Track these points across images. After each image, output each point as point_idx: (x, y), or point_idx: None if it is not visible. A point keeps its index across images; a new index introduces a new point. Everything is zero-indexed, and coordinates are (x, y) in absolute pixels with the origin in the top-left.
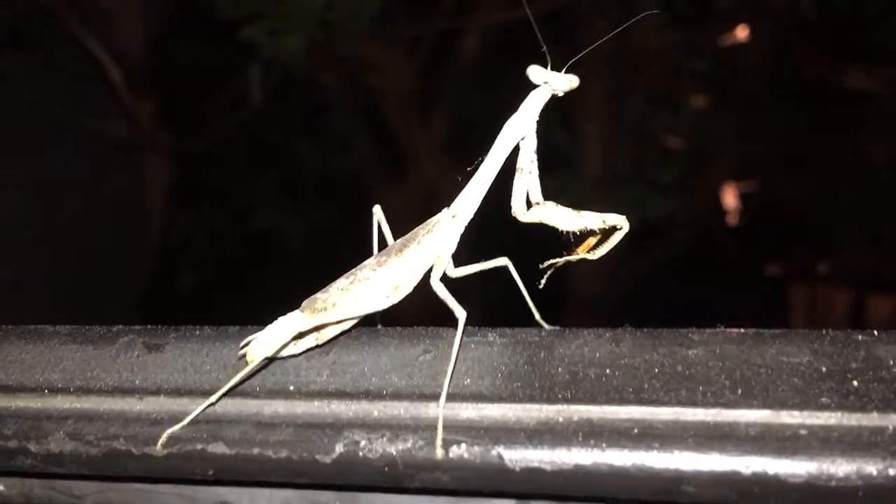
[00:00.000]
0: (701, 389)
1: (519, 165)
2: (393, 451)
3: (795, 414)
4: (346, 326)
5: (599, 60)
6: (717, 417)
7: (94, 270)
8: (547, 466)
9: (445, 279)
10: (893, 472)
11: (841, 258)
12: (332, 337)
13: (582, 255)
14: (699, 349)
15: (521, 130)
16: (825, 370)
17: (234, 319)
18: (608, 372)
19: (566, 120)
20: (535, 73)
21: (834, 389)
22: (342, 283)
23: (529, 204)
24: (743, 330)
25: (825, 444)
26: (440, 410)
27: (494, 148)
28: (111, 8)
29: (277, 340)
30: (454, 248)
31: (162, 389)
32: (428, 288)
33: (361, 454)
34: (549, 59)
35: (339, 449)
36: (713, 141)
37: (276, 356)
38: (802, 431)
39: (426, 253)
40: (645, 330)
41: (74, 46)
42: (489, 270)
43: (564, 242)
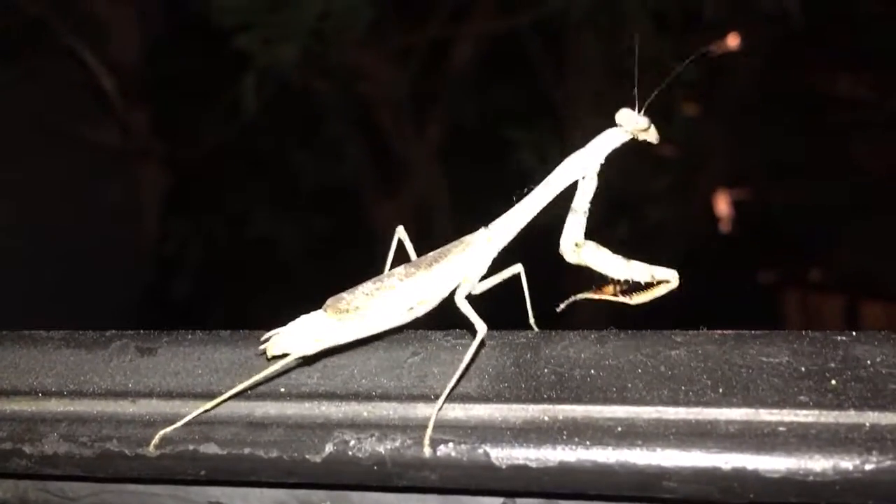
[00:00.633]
0: (683, 389)
1: (574, 206)
2: (382, 450)
3: (774, 412)
4: (366, 334)
5: (590, 71)
6: (698, 416)
7: (87, 278)
8: (532, 464)
9: (469, 296)
10: (869, 467)
11: (833, 265)
12: (351, 340)
13: (621, 299)
14: (682, 350)
15: (582, 169)
16: (804, 370)
17: (227, 327)
18: (593, 372)
19: (558, 128)
20: (624, 116)
21: (812, 388)
22: (368, 287)
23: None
24: (725, 331)
25: (803, 440)
26: (435, 411)
27: (548, 180)
28: (105, 17)
29: (298, 338)
30: (485, 270)
31: (154, 392)
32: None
33: (351, 453)
34: (637, 101)
35: (328, 448)
36: (705, 149)
37: (296, 354)
38: (781, 428)
39: (455, 271)
40: (629, 331)
41: (68, 55)
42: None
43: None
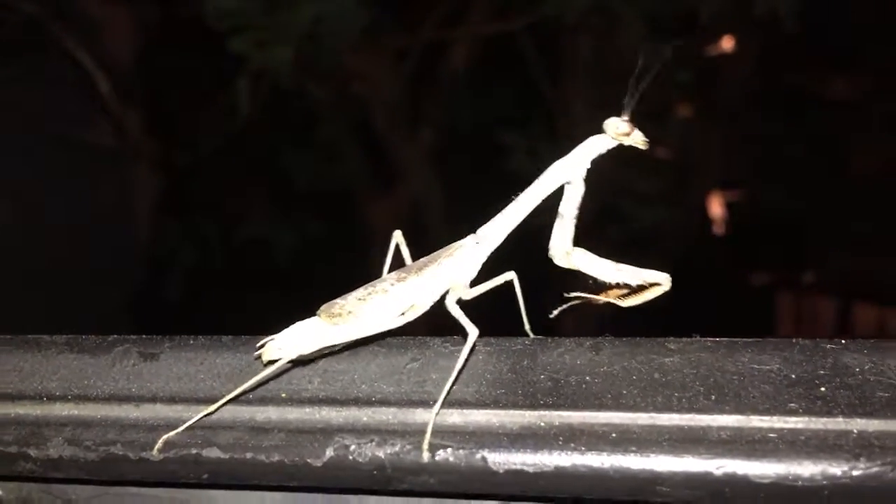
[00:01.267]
0: (676, 395)
1: (560, 211)
2: (381, 454)
3: (765, 418)
4: (360, 336)
5: (584, 75)
6: (690, 422)
7: (79, 279)
8: (529, 469)
9: (460, 302)
10: (857, 473)
11: (827, 267)
12: (346, 344)
13: (612, 300)
14: (675, 357)
15: (566, 175)
16: (794, 377)
17: (221, 330)
18: (588, 379)
19: (552, 131)
20: (608, 122)
21: (802, 395)
22: (360, 293)
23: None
24: (717, 339)
25: (792, 446)
26: (433, 416)
27: (533, 186)
28: (99, 18)
29: (293, 343)
30: (474, 274)
31: (157, 397)
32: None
33: (351, 458)
34: (627, 108)
35: (329, 453)
36: (699, 151)
37: (290, 359)
38: (771, 435)
39: (445, 276)
40: (624, 339)
41: (62, 56)
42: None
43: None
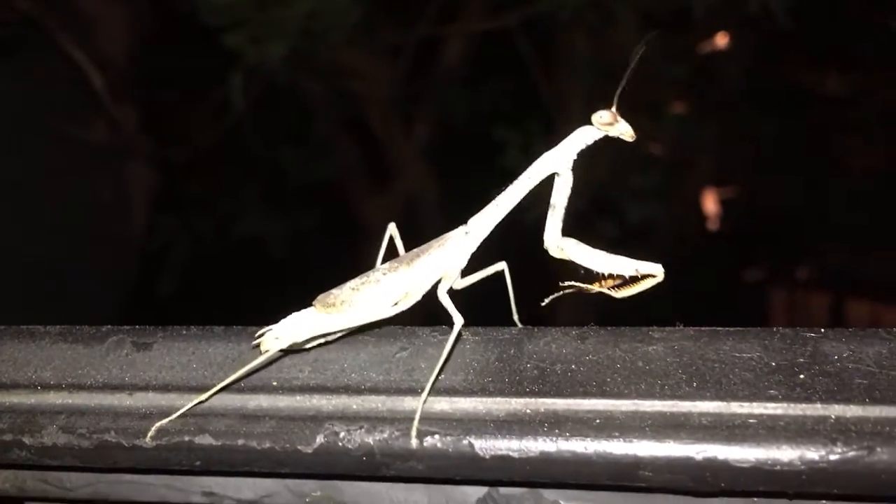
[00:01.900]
0: (659, 383)
1: (552, 202)
2: (371, 441)
3: (745, 405)
4: (353, 326)
5: (579, 71)
6: (673, 408)
7: (74, 275)
8: (515, 454)
9: (451, 291)
10: (834, 457)
11: (820, 262)
12: (340, 334)
13: (605, 290)
14: (658, 346)
15: (554, 166)
16: (774, 364)
17: (215, 323)
18: (573, 367)
19: (547, 127)
20: (595, 114)
21: (782, 382)
22: (355, 283)
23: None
24: (700, 328)
25: (772, 431)
26: (420, 403)
27: (521, 177)
28: (94, 14)
29: (290, 333)
30: (464, 264)
31: (150, 385)
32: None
33: (341, 444)
34: (616, 101)
35: (319, 440)
36: (693, 147)
37: (287, 349)
38: (751, 420)
39: (435, 265)
40: (609, 328)
41: (56, 52)
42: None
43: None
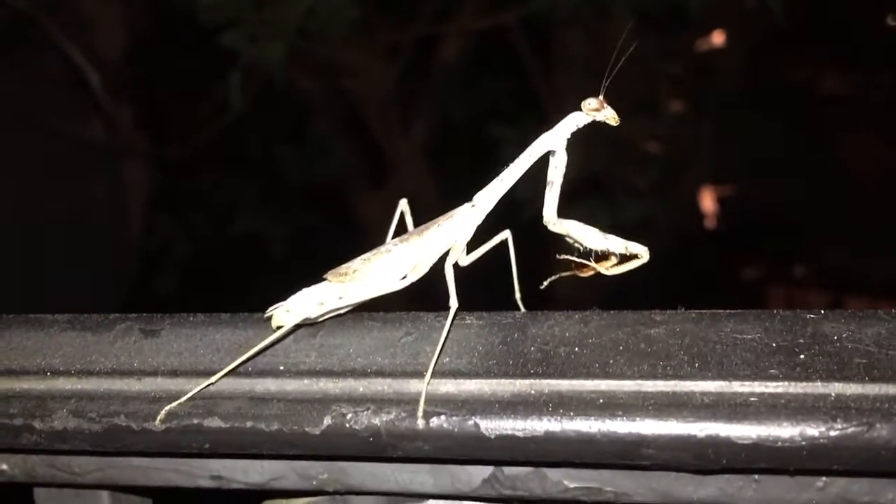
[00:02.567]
0: (661, 364)
1: (548, 178)
2: (377, 422)
3: (746, 384)
4: (364, 298)
5: (576, 68)
6: (675, 388)
7: (72, 274)
8: (520, 434)
9: (457, 267)
10: (834, 433)
11: (817, 261)
12: (350, 307)
13: (599, 269)
14: (661, 328)
15: (549, 145)
16: (775, 345)
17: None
18: (577, 350)
19: (544, 125)
20: (587, 102)
21: (782, 362)
22: (366, 255)
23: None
24: (701, 310)
25: (772, 409)
26: (424, 385)
27: (521, 155)
28: (91, 13)
29: (301, 307)
30: (470, 235)
31: (159, 371)
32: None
33: (348, 426)
34: (603, 89)
35: (326, 421)
36: (690, 145)
37: (300, 322)
38: (752, 399)
39: (444, 236)
40: (611, 311)
41: (54, 51)
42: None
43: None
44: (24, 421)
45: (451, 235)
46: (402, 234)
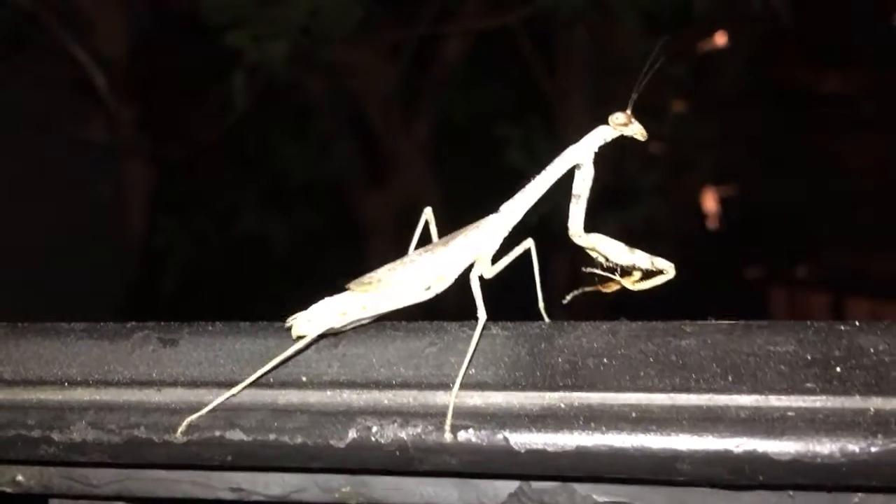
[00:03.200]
0: (694, 377)
1: (574, 191)
2: (404, 435)
3: (783, 398)
4: (387, 309)
5: (580, 68)
6: (709, 402)
7: (75, 274)
8: (550, 448)
9: (481, 279)
10: (875, 449)
11: (820, 261)
12: (372, 318)
13: (624, 284)
14: (691, 340)
15: (576, 158)
16: (810, 358)
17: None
18: (606, 361)
19: (548, 126)
20: (614, 117)
21: (818, 375)
22: (391, 264)
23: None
24: (732, 322)
25: (811, 424)
26: (452, 398)
27: (548, 168)
28: (94, 13)
29: (322, 316)
30: (497, 247)
31: (178, 381)
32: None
33: (374, 439)
34: (631, 103)
35: (352, 434)
36: (693, 146)
37: (319, 333)
38: (790, 413)
39: (470, 247)
40: (640, 322)
41: (58, 51)
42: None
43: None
44: (42, 433)
45: (477, 246)
46: (424, 242)
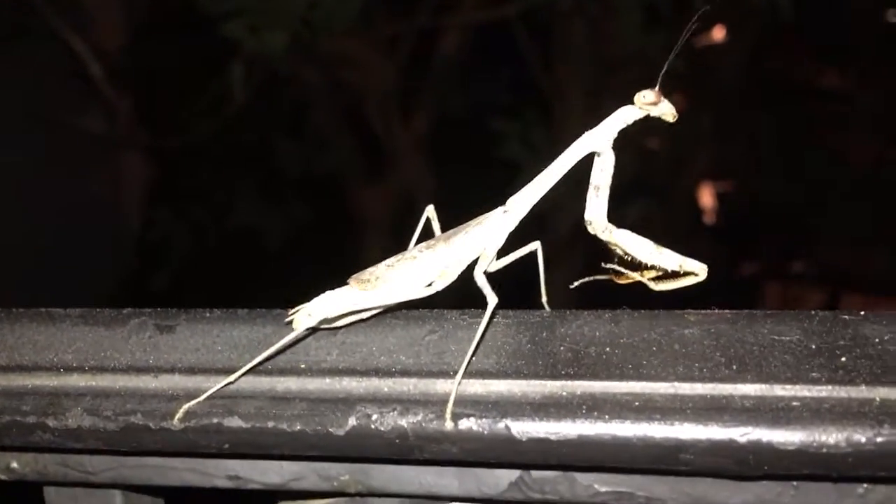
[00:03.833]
0: (697, 365)
1: (594, 182)
2: (404, 423)
3: (788, 387)
4: (387, 304)
5: (579, 62)
6: (713, 391)
7: (70, 266)
8: (553, 437)
9: (486, 273)
10: (881, 439)
11: (817, 257)
12: (373, 312)
13: (646, 283)
14: (694, 328)
15: (594, 145)
16: (815, 347)
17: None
18: (608, 350)
19: (546, 121)
20: (642, 94)
21: (823, 365)
22: (391, 260)
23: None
24: (736, 311)
25: (816, 414)
26: (455, 384)
27: (561, 156)
28: (92, 3)
29: (323, 310)
30: (501, 243)
31: (175, 368)
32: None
33: (373, 427)
34: (660, 81)
35: (351, 422)
36: (691, 141)
37: (319, 326)
38: (795, 403)
39: (473, 243)
40: (642, 311)
41: (55, 41)
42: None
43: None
44: (37, 419)
45: (480, 243)
46: (425, 239)
